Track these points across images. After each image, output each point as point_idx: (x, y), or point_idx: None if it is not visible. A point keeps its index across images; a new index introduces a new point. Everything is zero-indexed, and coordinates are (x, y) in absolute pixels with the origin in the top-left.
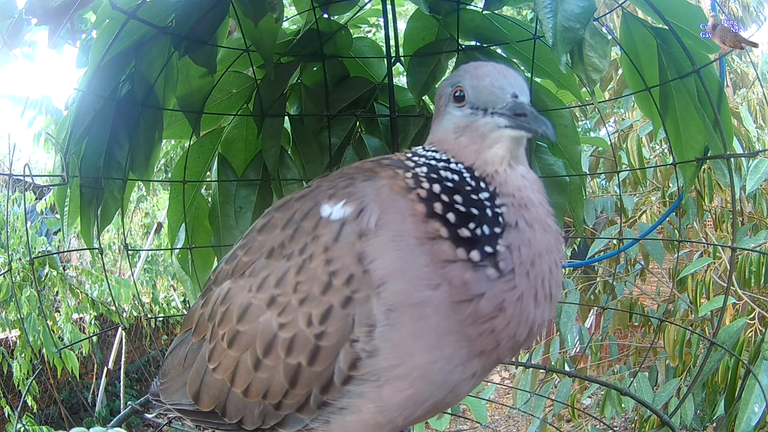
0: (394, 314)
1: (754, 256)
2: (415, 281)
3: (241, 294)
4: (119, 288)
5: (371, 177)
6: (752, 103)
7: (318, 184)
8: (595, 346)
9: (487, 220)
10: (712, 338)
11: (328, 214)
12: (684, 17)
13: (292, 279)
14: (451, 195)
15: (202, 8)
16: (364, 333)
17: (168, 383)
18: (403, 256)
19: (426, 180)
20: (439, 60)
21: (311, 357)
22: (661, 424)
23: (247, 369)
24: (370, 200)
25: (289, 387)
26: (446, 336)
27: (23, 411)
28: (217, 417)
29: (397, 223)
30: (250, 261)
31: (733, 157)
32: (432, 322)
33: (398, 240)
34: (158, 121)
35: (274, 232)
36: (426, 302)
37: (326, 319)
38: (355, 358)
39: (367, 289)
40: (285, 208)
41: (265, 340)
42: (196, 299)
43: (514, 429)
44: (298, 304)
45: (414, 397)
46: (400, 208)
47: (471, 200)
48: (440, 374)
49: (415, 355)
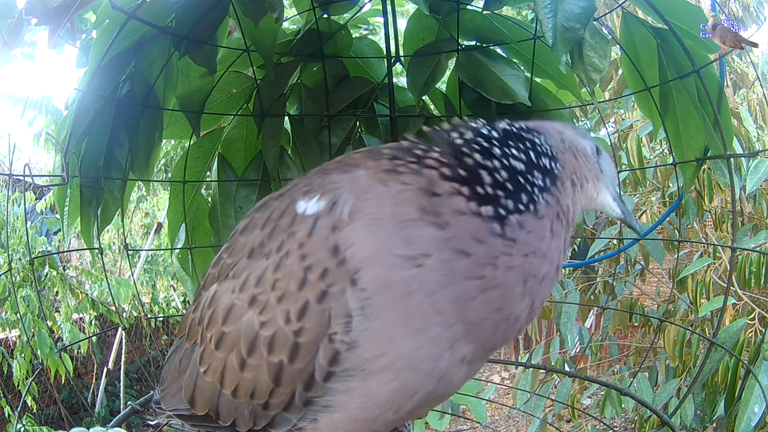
0: (371, 301)
1: (754, 257)
2: (396, 260)
3: (226, 295)
4: (119, 288)
5: (349, 169)
6: (752, 103)
7: (296, 182)
8: (595, 346)
9: (518, 198)
10: (712, 338)
11: (303, 210)
12: (684, 17)
13: (270, 277)
14: (508, 161)
15: (202, 8)
16: (341, 325)
17: (166, 389)
18: (380, 239)
19: (462, 153)
20: (439, 60)
21: (291, 354)
22: (661, 424)
23: (234, 369)
24: (344, 191)
25: (273, 386)
26: (433, 315)
27: (23, 411)
28: (212, 420)
29: (374, 207)
30: (233, 262)
31: (733, 157)
32: (416, 300)
33: (374, 224)
34: (158, 121)
35: (254, 232)
36: (410, 280)
37: (303, 315)
38: (335, 353)
39: (342, 282)
40: (264, 207)
41: (248, 340)
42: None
43: (514, 429)
44: (276, 302)
45: (401, 389)
46: (379, 193)
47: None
48: (426, 361)
49: (398, 341)
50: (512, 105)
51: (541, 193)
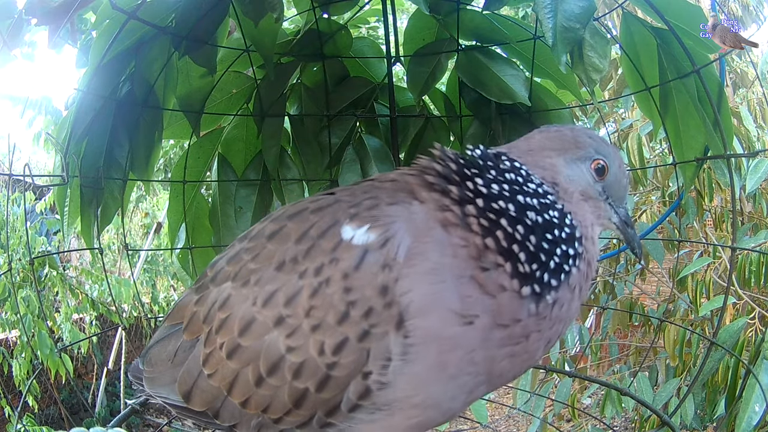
0: (416, 348)
1: (754, 256)
2: (449, 317)
3: (245, 305)
4: (119, 288)
5: (404, 200)
6: (752, 103)
7: (338, 198)
8: (595, 346)
9: (552, 272)
10: (713, 338)
11: (349, 237)
12: (684, 17)
13: (305, 302)
14: (527, 234)
15: (202, 8)
16: (379, 367)
17: (154, 374)
18: (439, 291)
19: (492, 210)
20: (439, 60)
21: (320, 384)
22: (661, 424)
23: (248, 383)
24: (400, 228)
25: (292, 407)
26: (467, 367)
27: (23, 411)
28: (207, 417)
29: (436, 255)
30: (257, 269)
31: (733, 157)
32: (458, 354)
33: (435, 273)
34: (158, 121)
35: (286, 243)
36: (458, 336)
37: (340, 351)
38: (367, 389)
39: (387, 324)
40: (300, 219)
41: (271, 360)
42: None
43: (514, 429)
44: (310, 330)
45: (422, 423)
46: (440, 239)
47: (545, 240)
48: (449, 402)
49: (432, 386)
50: (512, 105)
51: (574, 261)
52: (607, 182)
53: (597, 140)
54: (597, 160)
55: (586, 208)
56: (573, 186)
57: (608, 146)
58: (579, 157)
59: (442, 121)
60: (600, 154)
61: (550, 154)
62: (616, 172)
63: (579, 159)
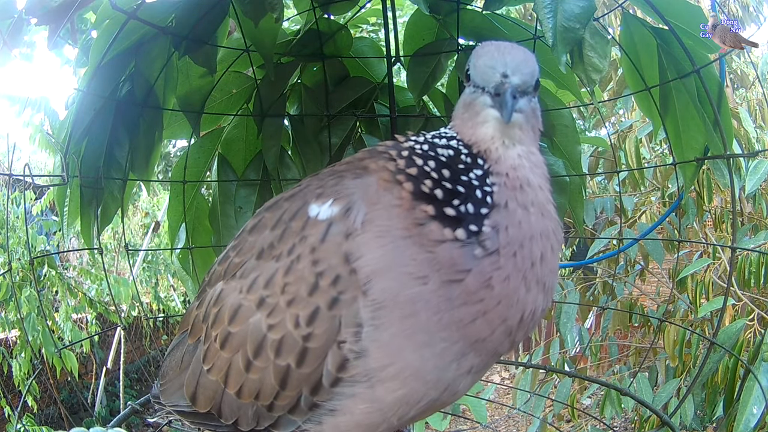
0: (381, 313)
1: (754, 257)
2: (402, 277)
3: (233, 295)
4: (118, 287)
5: (361, 174)
6: (752, 103)
7: (308, 183)
8: (594, 347)
9: (474, 199)
10: (713, 338)
11: (315, 214)
12: (684, 17)
13: (280, 280)
14: (440, 171)
15: (202, 8)
16: (351, 334)
17: (166, 385)
18: (389, 252)
19: (420, 158)
20: (439, 60)
21: (299, 358)
22: (661, 424)
23: (239, 370)
24: (357, 198)
25: (279, 388)
26: (438, 332)
27: (23, 411)
28: (213, 418)
29: (384, 219)
30: (241, 262)
31: (733, 157)
32: (422, 317)
33: (384, 236)
34: (158, 121)
35: (264, 232)
36: (415, 298)
37: (313, 321)
38: (343, 360)
39: (353, 290)
40: (275, 207)
41: (255, 342)
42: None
43: (514, 429)
44: (286, 306)
45: (407, 396)
46: (387, 203)
47: (459, 177)
48: (434, 372)
49: (406, 353)
50: None
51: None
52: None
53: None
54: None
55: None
56: (458, 109)
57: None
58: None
59: (442, 121)
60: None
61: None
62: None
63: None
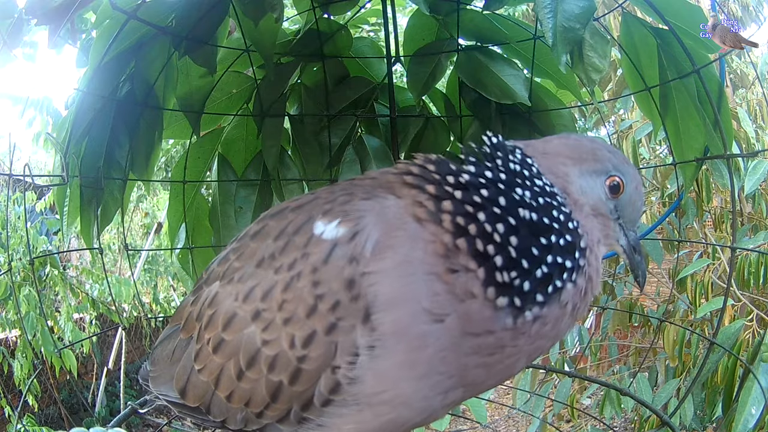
0: (383, 343)
1: (754, 257)
2: (419, 312)
3: (228, 300)
4: (119, 287)
5: (378, 195)
6: (751, 103)
7: (317, 195)
8: (594, 347)
9: (537, 282)
10: (712, 338)
11: (320, 232)
12: (684, 17)
13: (278, 295)
14: (510, 233)
15: (202, 8)
16: (346, 362)
17: (157, 373)
18: (408, 284)
19: (482, 210)
20: (439, 60)
21: (292, 377)
22: (661, 424)
23: (231, 377)
24: (369, 222)
25: (270, 401)
26: (438, 366)
27: (24, 411)
28: (202, 413)
29: (406, 248)
30: (240, 267)
31: (733, 157)
32: (428, 352)
33: (404, 267)
34: (158, 121)
35: (266, 241)
36: (427, 334)
37: (309, 344)
38: (336, 384)
39: (353, 318)
40: (280, 216)
41: (249, 354)
42: None
43: (514, 429)
44: (282, 323)
45: (394, 420)
46: (412, 233)
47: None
48: (423, 401)
49: (402, 383)
50: (512, 105)
51: (571, 275)
52: (621, 201)
53: (617, 156)
54: (613, 177)
55: (595, 224)
56: (584, 198)
57: (628, 165)
58: (595, 170)
59: (442, 121)
60: (617, 170)
61: (565, 161)
62: (631, 193)
63: (595, 172)
